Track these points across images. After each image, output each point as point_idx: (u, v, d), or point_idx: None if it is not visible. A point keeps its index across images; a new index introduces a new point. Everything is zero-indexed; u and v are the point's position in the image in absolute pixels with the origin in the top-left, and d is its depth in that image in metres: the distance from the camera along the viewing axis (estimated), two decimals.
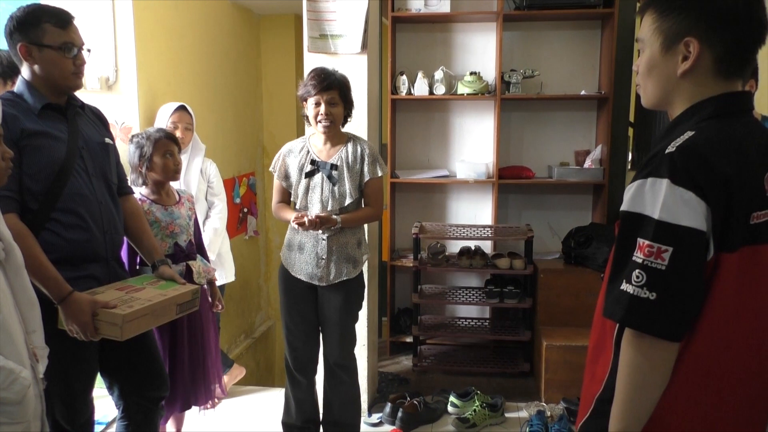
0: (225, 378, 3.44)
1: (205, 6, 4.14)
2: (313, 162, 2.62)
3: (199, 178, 3.28)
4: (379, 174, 2.64)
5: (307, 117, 2.63)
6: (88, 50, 2.02)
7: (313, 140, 2.68)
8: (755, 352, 1.19)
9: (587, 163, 3.81)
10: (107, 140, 2.11)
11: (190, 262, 2.59)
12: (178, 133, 3.08)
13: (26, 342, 1.53)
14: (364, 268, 2.84)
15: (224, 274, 3.44)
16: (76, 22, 1.98)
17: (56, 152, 1.90)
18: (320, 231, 2.57)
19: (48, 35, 1.89)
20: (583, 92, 3.75)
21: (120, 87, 3.35)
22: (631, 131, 4.25)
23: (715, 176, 1.09)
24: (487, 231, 3.90)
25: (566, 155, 3.98)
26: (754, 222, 1.15)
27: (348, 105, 2.63)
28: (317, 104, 2.55)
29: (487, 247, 4.04)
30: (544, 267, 3.70)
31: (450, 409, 3.25)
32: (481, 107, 4.02)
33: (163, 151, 2.54)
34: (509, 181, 3.89)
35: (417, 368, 3.87)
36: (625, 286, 1.13)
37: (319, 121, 2.56)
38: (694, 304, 1.12)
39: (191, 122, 3.22)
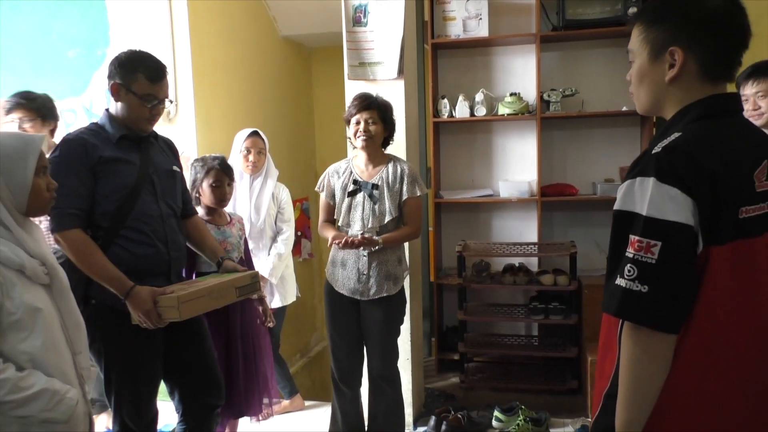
0: (287, 403, 3.59)
1: (257, 41, 4.41)
2: (355, 182, 2.76)
3: (270, 202, 3.40)
4: (418, 194, 2.75)
5: (350, 138, 2.79)
6: (170, 101, 2.28)
7: (356, 161, 2.83)
8: (753, 343, 1.22)
9: None
10: (175, 168, 2.35)
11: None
12: (251, 158, 3.27)
13: (74, 362, 1.64)
14: (406, 285, 2.95)
15: (286, 295, 3.53)
16: (167, 77, 2.21)
17: (128, 176, 2.15)
18: (361, 248, 2.69)
19: (138, 84, 2.13)
20: (624, 108, 3.77)
21: (179, 119, 3.63)
22: None
23: (700, 172, 1.15)
24: (531, 248, 3.93)
25: (611, 172, 3.98)
26: (743, 216, 1.20)
27: (388, 126, 2.77)
28: (357, 123, 2.71)
29: (533, 264, 4.06)
30: (588, 283, 3.70)
31: (494, 423, 3.29)
32: (522, 127, 4.09)
33: (211, 180, 2.75)
34: (553, 199, 3.92)
35: (464, 385, 3.91)
36: (618, 281, 1.18)
37: (358, 137, 2.71)
38: (686, 296, 1.16)
39: (264, 147, 3.36)
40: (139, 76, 2.12)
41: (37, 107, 2.78)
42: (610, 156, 3.95)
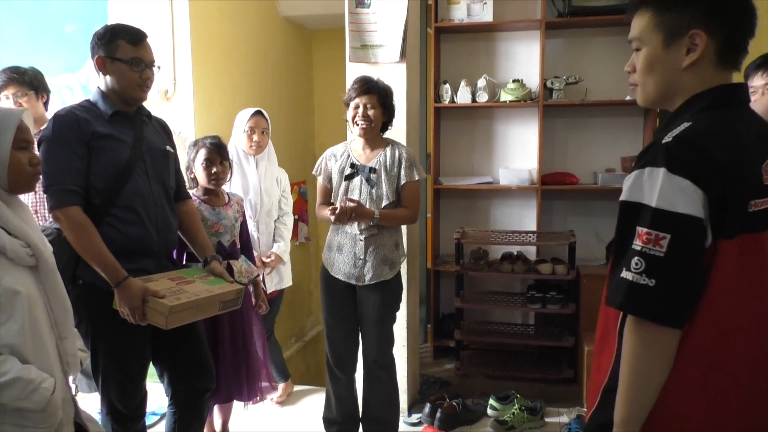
0: (281, 387, 3.55)
1: (258, 21, 4.33)
2: (353, 165, 2.72)
3: (275, 184, 3.37)
4: (416, 178, 2.71)
5: (348, 121, 2.74)
6: (158, 67, 2.23)
7: (354, 145, 2.79)
8: (758, 339, 1.20)
9: None
10: (168, 148, 2.32)
11: (232, 261, 2.71)
12: (255, 137, 3.20)
13: (59, 348, 1.59)
14: (403, 271, 2.91)
15: (283, 280, 3.48)
16: (149, 40, 2.20)
17: (121, 154, 2.11)
18: (358, 232, 2.67)
19: (120, 50, 2.12)
20: (628, 97, 3.73)
21: (177, 98, 3.57)
22: None
23: (711, 164, 1.12)
24: (530, 237, 3.91)
25: (612, 162, 3.95)
26: (753, 210, 1.17)
27: (388, 111, 2.72)
28: (356, 107, 2.66)
29: (532, 253, 4.04)
30: (587, 272, 3.68)
31: (489, 411, 3.28)
32: (524, 114, 4.05)
33: (201, 159, 2.71)
34: (553, 187, 3.89)
35: (459, 372, 3.90)
36: (624, 274, 1.15)
37: (357, 123, 2.67)
38: (693, 291, 1.14)
39: (267, 127, 3.29)
40: (120, 43, 2.11)
41: (29, 81, 2.75)
42: (611, 145, 3.91)
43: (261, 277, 3.08)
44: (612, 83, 3.86)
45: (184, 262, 2.63)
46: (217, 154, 2.72)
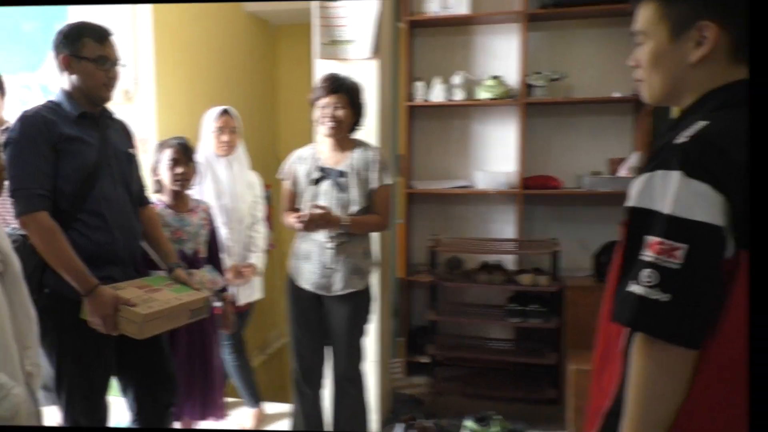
0: (253, 414, 3.29)
1: (221, 18, 4.11)
2: (321, 169, 2.57)
3: (246, 188, 3.16)
4: (388, 182, 2.56)
5: (315, 122, 2.58)
6: (123, 65, 2.17)
7: (322, 147, 2.63)
8: None
9: (622, 172, 3.54)
10: (131, 151, 2.27)
11: (193, 271, 2.55)
12: (224, 137, 3.01)
13: (21, 358, 1.50)
14: (374, 280, 2.75)
15: (254, 292, 3.26)
16: (114, 38, 2.14)
17: (88, 157, 2.06)
18: (326, 239, 2.52)
19: (86, 48, 2.06)
20: (616, 94, 3.49)
21: (139, 98, 3.34)
22: None
23: (733, 168, 1.02)
24: (510, 245, 3.66)
25: (598, 164, 3.71)
26: None
27: (357, 111, 2.57)
28: (324, 107, 2.51)
29: (512, 262, 3.79)
30: (572, 284, 3.44)
31: None
32: (503, 113, 3.80)
33: (166, 159, 2.60)
34: (535, 192, 3.64)
35: (433, 390, 3.64)
36: (633, 288, 1.06)
37: (324, 123, 2.51)
38: (713, 307, 1.04)
39: (236, 125, 3.09)
40: (86, 41, 2.06)
41: None
42: (598, 147, 3.68)
43: (228, 291, 2.84)
44: (598, 79, 3.63)
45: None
46: (183, 154, 2.63)
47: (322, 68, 2.97)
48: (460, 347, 3.80)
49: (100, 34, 2.09)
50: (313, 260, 2.57)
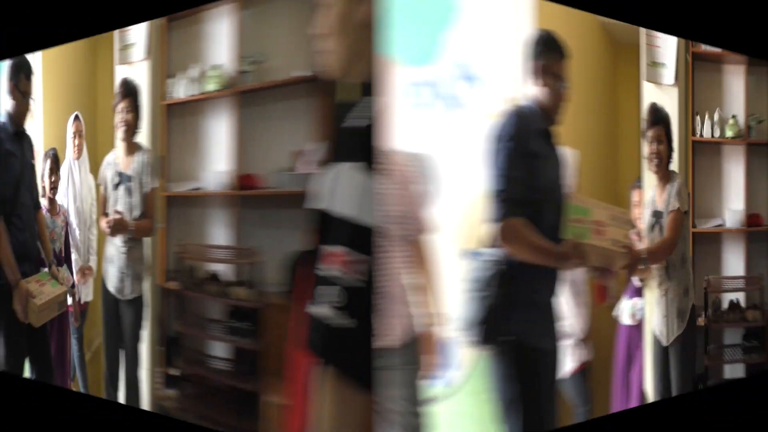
0: None
1: None
2: (119, 174, 2.78)
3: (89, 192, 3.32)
4: (155, 185, 2.74)
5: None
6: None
7: (119, 151, 2.83)
8: None
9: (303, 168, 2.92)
10: (33, 161, 2.70)
11: (60, 268, 2.93)
12: (76, 141, 3.20)
13: None
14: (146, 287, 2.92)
15: (89, 292, 3.36)
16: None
17: (16, 167, 2.54)
18: (121, 245, 2.76)
19: (22, 83, 2.63)
20: (295, 73, 2.91)
21: None
22: None
23: None
24: (222, 253, 3.28)
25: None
26: None
27: (136, 112, 2.78)
28: (118, 111, 2.79)
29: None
30: (271, 301, 2.97)
31: None
32: (220, 106, 3.38)
33: (47, 169, 3.03)
34: (240, 193, 3.19)
35: (180, 406, 3.42)
36: None
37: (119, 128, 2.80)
38: None
39: (83, 130, 3.25)
40: (21, 77, 2.55)
41: None
42: (282, 138, 3.09)
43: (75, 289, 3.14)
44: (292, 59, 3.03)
45: None
46: (55, 163, 3.04)
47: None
48: (195, 363, 3.52)
49: (30, 72, 2.55)
50: (115, 264, 2.76)
